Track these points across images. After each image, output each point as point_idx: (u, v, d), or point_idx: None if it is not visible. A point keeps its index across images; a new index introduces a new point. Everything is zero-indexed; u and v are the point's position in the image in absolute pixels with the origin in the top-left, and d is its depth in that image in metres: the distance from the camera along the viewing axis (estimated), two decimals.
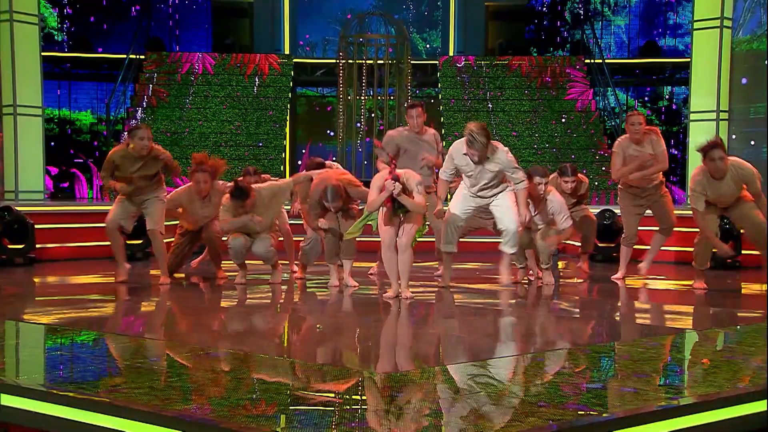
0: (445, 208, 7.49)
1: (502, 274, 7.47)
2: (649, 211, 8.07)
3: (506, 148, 7.29)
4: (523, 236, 7.37)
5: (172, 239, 8.22)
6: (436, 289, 7.41)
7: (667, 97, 17.16)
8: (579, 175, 8.25)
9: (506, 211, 7.23)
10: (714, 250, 7.57)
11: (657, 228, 8.09)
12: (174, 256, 8.07)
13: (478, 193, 7.31)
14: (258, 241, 7.50)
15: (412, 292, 6.71)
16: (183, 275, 8.29)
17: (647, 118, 7.82)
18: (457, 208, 7.40)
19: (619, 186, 8.06)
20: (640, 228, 8.09)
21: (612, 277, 8.08)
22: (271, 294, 7.48)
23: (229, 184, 7.71)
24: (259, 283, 7.87)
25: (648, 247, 8.32)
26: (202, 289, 7.83)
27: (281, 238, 8.43)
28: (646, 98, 17.44)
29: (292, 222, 8.74)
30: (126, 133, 7.68)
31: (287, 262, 8.59)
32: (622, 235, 8.28)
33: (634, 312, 6.92)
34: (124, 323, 6.19)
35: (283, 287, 7.69)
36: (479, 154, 7.00)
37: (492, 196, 7.32)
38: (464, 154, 7.14)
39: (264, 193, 7.59)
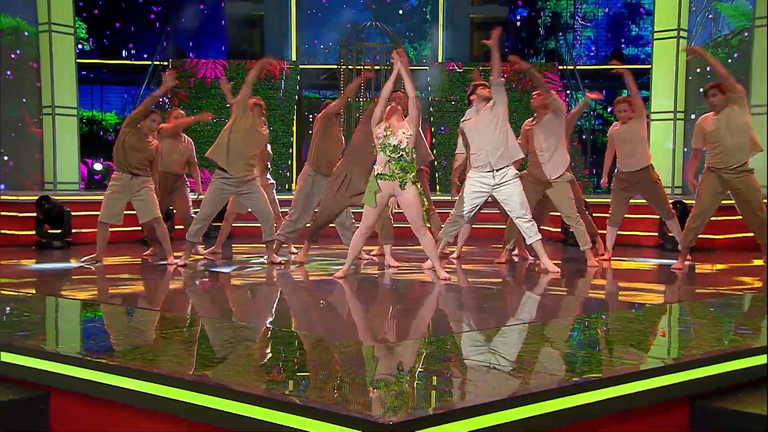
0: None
1: (544, 264, 7.20)
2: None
3: None
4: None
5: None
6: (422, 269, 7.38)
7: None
8: None
9: (516, 202, 6.99)
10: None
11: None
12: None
13: (488, 167, 6.99)
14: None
15: (404, 271, 6.69)
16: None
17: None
18: (461, 206, 7.30)
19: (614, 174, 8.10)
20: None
21: (599, 258, 8.09)
22: (278, 274, 7.48)
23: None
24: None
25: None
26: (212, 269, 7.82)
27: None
28: (607, 101, 17.40)
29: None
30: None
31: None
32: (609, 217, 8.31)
33: (608, 289, 6.96)
34: (149, 298, 6.21)
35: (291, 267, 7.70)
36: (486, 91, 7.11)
37: (500, 182, 6.99)
38: (464, 121, 7.24)
39: None
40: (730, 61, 11.99)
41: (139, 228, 8.35)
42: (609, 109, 16.98)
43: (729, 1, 11.98)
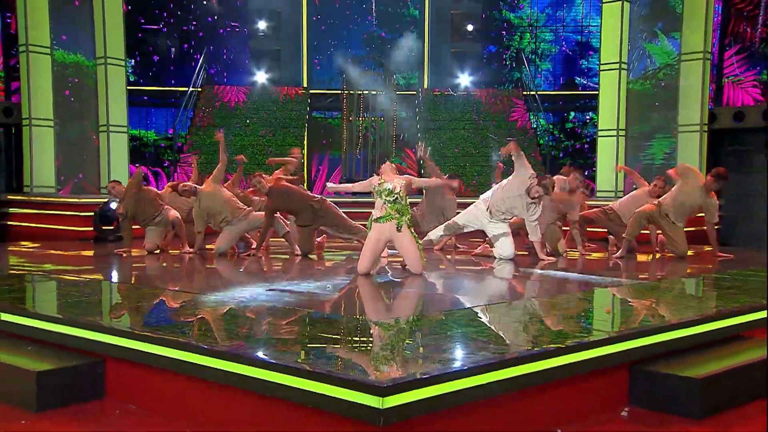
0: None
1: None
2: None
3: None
4: None
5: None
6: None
7: (572, 121, 17.22)
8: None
9: (505, 241, 7.26)
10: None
11: None
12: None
13: (500, 212, 7.18)
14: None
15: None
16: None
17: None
18: (462, 219, 7.34)
19: None
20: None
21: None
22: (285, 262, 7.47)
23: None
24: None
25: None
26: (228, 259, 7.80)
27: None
28: (558, 122, 17.44)
29: None
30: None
31: None
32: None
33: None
34: (185, 282, 6.20)
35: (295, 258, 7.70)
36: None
37: (496, 230, 7.29)
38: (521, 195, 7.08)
39: None
40: (655, 90, 12.14)
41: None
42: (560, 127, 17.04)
43: (655, 43, 12.16)
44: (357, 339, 3.62)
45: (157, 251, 7.97)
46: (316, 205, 7.48)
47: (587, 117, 16.74)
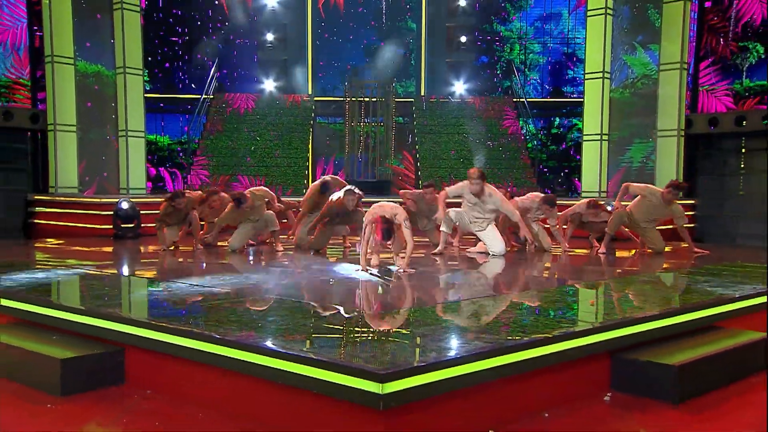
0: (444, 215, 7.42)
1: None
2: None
3: (501, 194, 7.36)
4: None
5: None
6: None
7: (557, 126, 17.24)
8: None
9: (493, 238, 7.32)
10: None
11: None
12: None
13: (473, 220, 7.34)
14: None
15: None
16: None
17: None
18: (453, 214, 7.39)
19: None
20: None
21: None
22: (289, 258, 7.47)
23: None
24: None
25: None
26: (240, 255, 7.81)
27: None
28: (545, 127, 17.42)
29: None
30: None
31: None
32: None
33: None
34: (200, 277, 6.20)
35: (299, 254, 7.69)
36: (477, 190, 7.14)
37: (479, 229, 7.38)
38: (471, 197, 7.26)
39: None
40: (634, 98, 12.18)
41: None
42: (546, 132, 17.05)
43: (633, 54, 12.19)
44: (359, 330, 3.62)
45: (172, 247, 7.96)
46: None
47: (571, 123, 16.77)
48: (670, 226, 8.28)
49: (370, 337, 3.39)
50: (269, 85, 17.56)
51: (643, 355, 3.56)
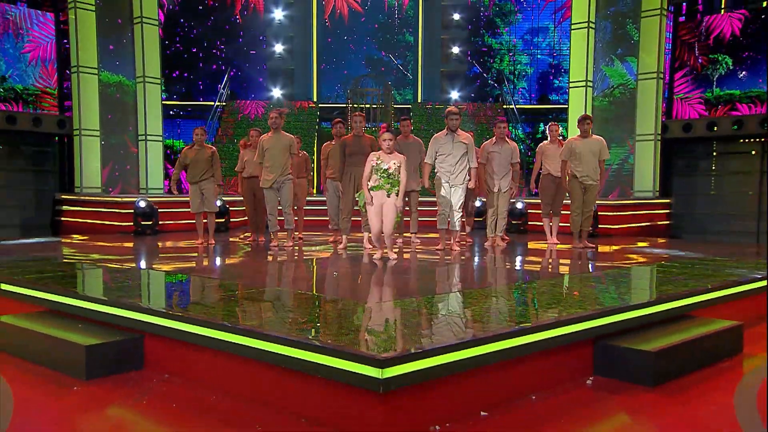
0: (423, 187, 7.36)
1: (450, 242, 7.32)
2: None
3: (470, 133, 7.42)
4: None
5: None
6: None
7: (542, 131, 17.24)
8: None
9: (457, 200, 7.00)
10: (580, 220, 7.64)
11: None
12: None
13: (451, 176, 6.94)
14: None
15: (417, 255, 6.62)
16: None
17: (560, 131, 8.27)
18: (441, 194, 7.11)
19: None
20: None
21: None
22: (295, 252, 7.44)
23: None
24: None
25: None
26: (251, 248, 7.78)
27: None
28: (531, 132, 17.39)
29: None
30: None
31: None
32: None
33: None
34: (212, 270, 6.19)
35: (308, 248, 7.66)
36: (455, 123, 6.94)
37: (456, 183, 6.97)
38: (442, 138, 6.99)
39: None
40: (612, 106, 12.16)
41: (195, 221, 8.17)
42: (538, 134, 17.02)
43: (611, 65, 12.17)
44: (360, 319, 3.61)
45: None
46: None
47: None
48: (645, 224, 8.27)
49: (370, 326, 3.38)
50: (277, 92, 17.55)
51: (623, 342, 3.56)
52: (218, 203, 7.97)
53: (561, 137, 8.43)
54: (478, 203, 9.41)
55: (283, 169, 7.43)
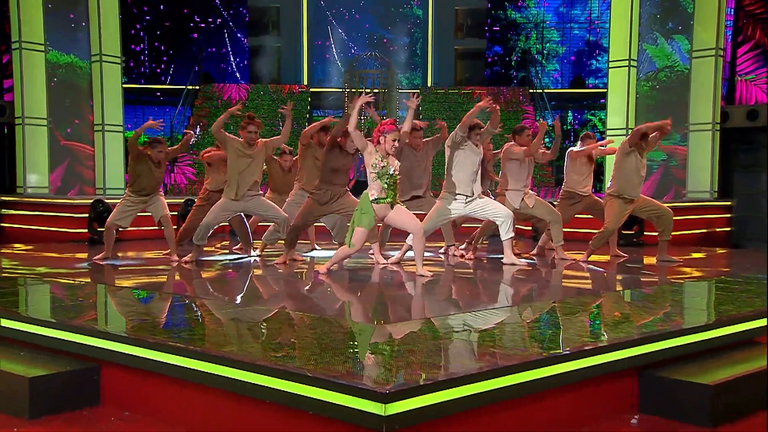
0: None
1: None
2: None
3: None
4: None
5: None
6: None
7: (570, 121, 17.32)
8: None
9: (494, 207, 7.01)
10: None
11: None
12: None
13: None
14: None
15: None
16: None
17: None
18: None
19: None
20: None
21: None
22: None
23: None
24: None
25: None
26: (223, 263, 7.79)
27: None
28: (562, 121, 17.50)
29: None
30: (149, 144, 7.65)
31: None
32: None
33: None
34: (181, 287, 6.19)
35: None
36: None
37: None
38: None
39: None
40: (654, 92, 12.20)
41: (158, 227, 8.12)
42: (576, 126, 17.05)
43: (654, 45, 12.18)
44: (358, 344, 3.61)
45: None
46: None
47: (584, 118, 16.84)
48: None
49: (371, 352, 3.38)
50: (262, 74, 17.63)
51: (674, 373, 3.55)
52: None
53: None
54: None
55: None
